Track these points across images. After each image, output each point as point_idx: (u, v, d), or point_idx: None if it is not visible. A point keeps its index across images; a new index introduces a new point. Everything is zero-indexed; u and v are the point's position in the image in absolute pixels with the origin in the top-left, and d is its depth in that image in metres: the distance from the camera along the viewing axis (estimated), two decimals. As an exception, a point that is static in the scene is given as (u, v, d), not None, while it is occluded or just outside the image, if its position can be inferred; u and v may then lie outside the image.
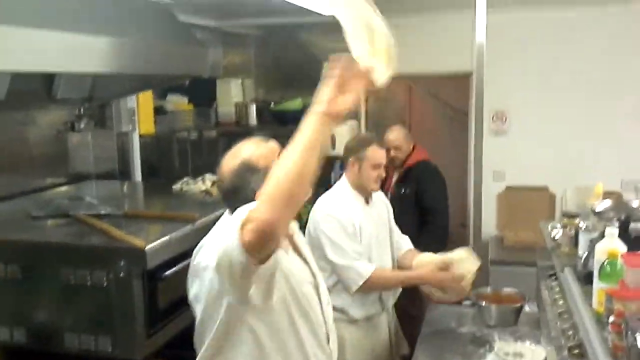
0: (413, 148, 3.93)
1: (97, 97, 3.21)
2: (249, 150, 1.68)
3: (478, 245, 3.65)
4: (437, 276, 2.49)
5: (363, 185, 2.62)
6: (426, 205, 3.71)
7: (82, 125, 3.25)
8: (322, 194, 2.67)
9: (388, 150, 3.78)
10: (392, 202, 3.22)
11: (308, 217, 2.65)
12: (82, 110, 3.24)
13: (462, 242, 4.00)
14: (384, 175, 2.66)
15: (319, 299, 1.74)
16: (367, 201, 2.66)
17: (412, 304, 3.46)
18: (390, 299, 2.69)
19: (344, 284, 2.48)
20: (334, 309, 2.39)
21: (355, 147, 2.65)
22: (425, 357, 2.36)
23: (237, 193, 1.63)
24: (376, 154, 2.61)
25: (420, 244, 2.98)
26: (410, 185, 3.75)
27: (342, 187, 2.66)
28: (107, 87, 3.17)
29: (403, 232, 3.06)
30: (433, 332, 2.61)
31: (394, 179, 3.94)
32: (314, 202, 2.65)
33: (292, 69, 4.70)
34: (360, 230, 2.54)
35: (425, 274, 2.53)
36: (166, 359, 3.29)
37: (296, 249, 1.77)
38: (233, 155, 1.68)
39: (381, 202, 2.79)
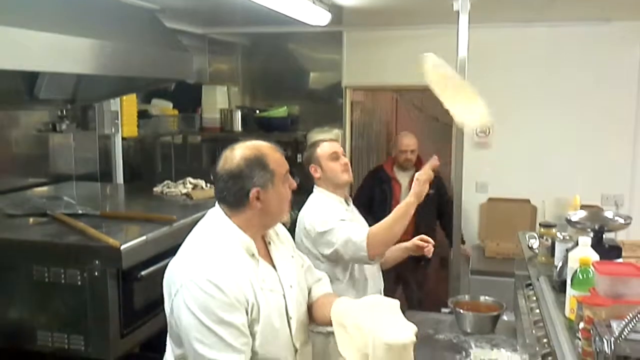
0: None
1: (80, 99, 3.20)
2: (267, 149, 1.68)
3: (457, 254, 3.68)
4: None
5: (336, 181, 2.58)
6: (443, 201, 4.06)
7: (64, 127, 3.24)
8: (304, 201, 2.65)
9: (404, 153, 4.07)
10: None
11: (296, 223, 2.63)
12: (64, 111, 3.23)
13: (443, 251, 4.02)
14: (346, 161, 2.62)
15: (286, 310, 1.70)
16: (347, 202, 2.65)
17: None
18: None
19: (354, 260, 2.42)
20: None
21: (307, 156, 2.65)
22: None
23: (237, 180, 1.61)
24: (325, 147, 2.60)
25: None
26: (431, 186, 3.80)
27: (319, 196, 2.61)
28: (90, 89, 3.16)
29: (426, 226, 3.72)
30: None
31: (405, 183, 4.10)
32: (297, 209, 2.63)
33: (278, 77, 4.73)
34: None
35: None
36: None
37: (268, 258, 1.74)
38: (250, 147, 1.66)
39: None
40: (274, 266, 1.72)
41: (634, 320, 1.24)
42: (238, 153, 1.65)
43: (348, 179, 2.63)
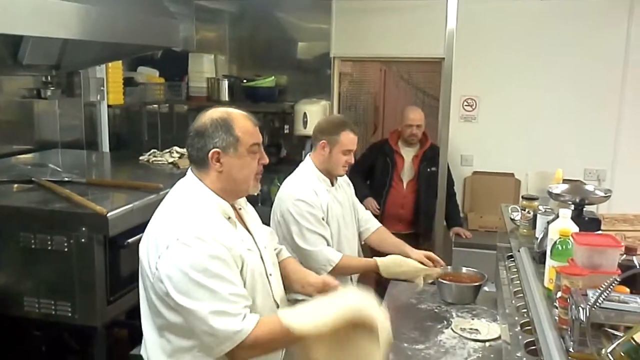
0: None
1: (65, 65, 3.16)
2: (239, 116, 1.69)
3: (441, 226, 3.73)
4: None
5: (330, 169, 2.58)
6: (449, 182, 3.96)
7: (48, 93, 3.21)
8: (291, 172, 2.66)
9: (409, 127, 4.01)
10: (420, 180, 4.03)
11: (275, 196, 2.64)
12: (49, 77, 3.20)
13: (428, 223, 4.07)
14: (352, 161, 2.62)
15: (265, 269, 1.74)
16: (332, 183, 2.65)
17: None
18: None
19: (312, 269, 2.46)
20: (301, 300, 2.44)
21: (328, 129, 2.57)
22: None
23: (200, 138, 1.64)
24: (349, 139, 2.54)
25: (450, 214, 3.98)
26: (436, 164, 3.82)
27: (308, 169, 2.60)
28: (75, 55, 3.12)
29: (430, 205, 3.81)
30: (393, 307, 2.66)
31: (408, 158, 4.09)
32: (282, 180, 2.64)
33: (266, 46, 4.69)
34: (328, 212, 2.54)
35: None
36: (126, 329, 3.31)
37: (242, 221, 1.77)
38: (222, 111, 1.69)
39: (344, 182, 2.79)
40: (247, 230, 1.77)
41: (608, 289, 1.28)
42: (208, 113, 1.68)
43: (341, 174, 2.65)
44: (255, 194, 1.78)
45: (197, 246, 1.52)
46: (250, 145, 1.67)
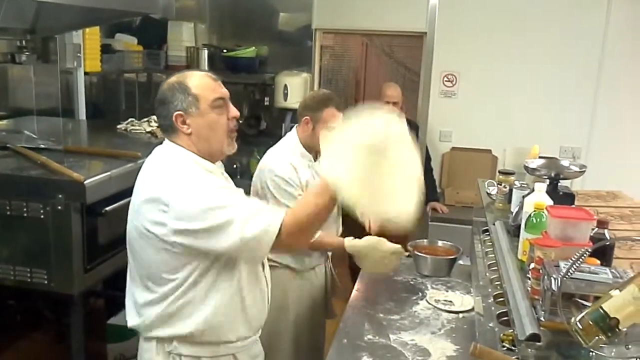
0: None
1: (40, 29, 3.09)
2: (195, 76, 1.68)
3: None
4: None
5: (313, 145, 2.54)
6: (426, 156, 4.05)
7: (23, 58, 3.14)
8: (272, 145, 2.64)
9: (387, 104, 3.94)
10: None
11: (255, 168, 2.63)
12: (24, 41, 3.13)
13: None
14: None
15: None
16: (315, 158, 2.64)
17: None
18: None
19: None
20: (279, 265, 2.45)
21: (312, 105, 2.54)
22: (360, 302, 2.44)
23: (163, 105, 1.65)
24: (332, 116, 2.50)
25: (426, 189, 3.37)
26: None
27: (292, 143, 2.58)
28: (51, 19, 3.05)
29: None
30: (369, 279, 2.70)
31: None
32: (263, 154, 2.63)
33: (247, 16, 4.61)
34: (307, 188, 2.54)
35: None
36: (103, 298, 3.31)
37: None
38: (178, 75, 1.70)
39: None
40: None
41: (579, 260, 1.31)
42: (167, 80, 1.69)
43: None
44: (231, 153, 1.75)
45: (204, 179, 1.59)
46: (212, 100, 1.65)
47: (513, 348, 1.52)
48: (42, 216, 2.05)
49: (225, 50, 4.40)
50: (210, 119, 1.65)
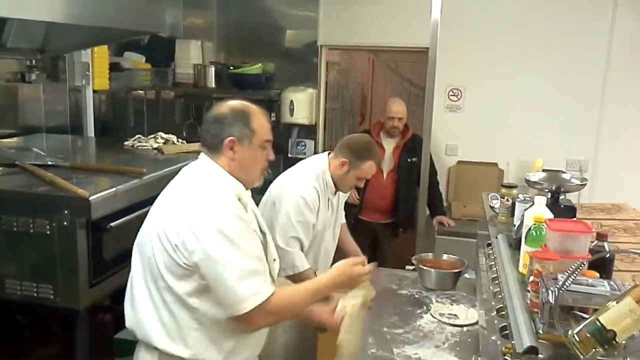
0: None
1: (50, 49, 3.15)
2: (257, 112, 1.78)
3: (424, 215, 3.77)
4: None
5: (339, 185, 2.62)
6: (432, 171, 3.98)
7: (33, 77, 3.20)
8: (280, 161, 2.68)
9: (391, 120, 4.05)
10: (400, 171, 4.06)
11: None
12: (33, 61, 3.19)
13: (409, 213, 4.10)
14: (362, 186, 2.76)
15: (266, 253, 1.80)
16: (335, 192, 2.66)
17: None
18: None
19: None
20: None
21: (357, 152, 2.57)
22: (365, 314, 2.43)
23: (218, 124, 1.73)
24: (370, 169, 2.59)
25: (433, 202, 4.06)
26: (416, 154, 3.89)
27: (321, 170, 2.60)
28: (60, 39, 3.12)
29: (410, 195, 3.97)
30: (375, 291, 2.70)
31: (389, 149, 4.11)
32: (276, 170, 2.65)
33: (254, 33, 4.67)
34: (318, 216, 2.57)
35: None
36: (111, 313, 3.32)
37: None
38: (243, 103, 1.79)
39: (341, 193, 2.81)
40: (254, 214, 1.85)
41: (576, 272, 1.31)
42: (229, 103, 1.79)
43: (346, 193, 2.78)
44: (257, 186, 1.86)
45: (227, 206, 1.63)
46: (264, 140, 1.77)
47: (514, 361, 1.52)
48: (48, 232, 2.08)
49: (232, 67, 4.45)
50: (255, 155, 1.76)
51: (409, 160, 4.05)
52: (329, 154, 2.67)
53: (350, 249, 2.89)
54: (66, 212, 2.05)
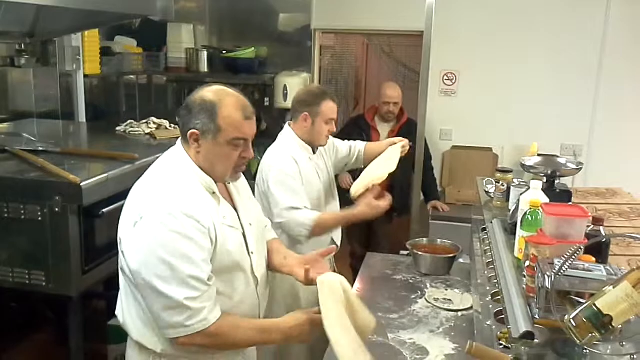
0: None
1: (39, 33, 3.11)
2: (231, 105, 1.61)
3: (418, 200, 3.77)
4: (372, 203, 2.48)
5: (313, 140, 2.58)
6: (426, 156, 3.95)
7: (23, 61, 3.16)
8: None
9: (387, 104, 3.98)
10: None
11: (257, 168, 2.63)
12: (23, 45, 3.14)
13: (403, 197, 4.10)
14: (334, 129, 2.62)
15: (246, 246, 1.72)
16: (313, 151, 2.65)
17: (360, 245, 4.16)
18: (339, 241, 2.76)
19: (292, 236, 2.45)
20: None
21: (308, 101, 2.55)
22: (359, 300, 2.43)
23: (186, 114, 1.61)
24: (330, 109, 2.54)
25: (427, 187, 4.09)
26: (412, 139, 3.83)
27: (288, 139, 2.59)
28: (50, 22, 3.07)
29: (405, 180, 3.89)
30: (369, 276, 2.70)
31: (384, 134, 4.06)
32: (262, 154, 2.63)
33: (247, 17, 4.61)
34: (308, 181, 2.54)
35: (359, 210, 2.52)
36: (104, 300, 3.32)
37: (229, 197, 1.75)
38: (217, 92, 1.62)
39: (323, 151, 2.77)
40: (234, 206, 1.74)
41: (573, 257, 1.31)
42: (204, 90, 1.64)
43: (323, 144, 2.64)
44: (231, 182, 1.75)
45: (167, 222, 1.51)
46: (232, 138, 1.60)
47: (509, 346, 1.52)
48: (39, 218, 2.06)
49: (224, 52, 4.40)
50: (222, 151, 1.62)
51: None
52: (288, 124, 2.64)
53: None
54: (57, 198, 2.03)
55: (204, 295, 1.52)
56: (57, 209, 2.04)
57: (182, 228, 1.51)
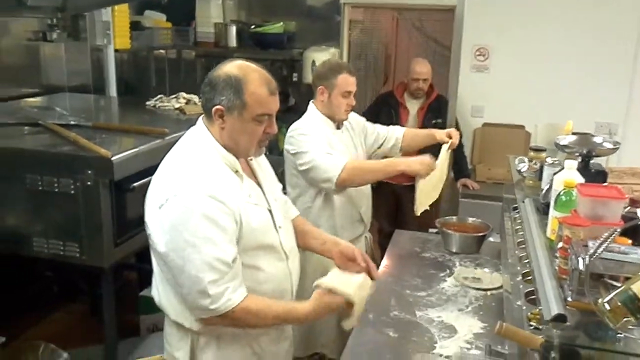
0: None
1: (70, 7, 3.12)
2: (257, 80, 1.59)
3: (448, 176, 3.72)
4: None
5: (332, 114, 2.57)
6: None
7: (54, 36, 3.18)
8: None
9: (416, 81, 3.92)
10: None
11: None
12: (54, 20, 3.16)
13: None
14: (354, 103, 2.59)
15: (273, 222, 1.73)
16: (338, 127, 2.63)
17: (388, 223, 4.11)
18: (369, 218, 2.76)
19: (322, 186, 2.44)
20: None
21: (325, 74, 2.54)
22: (387, 278, 2.43)
23: (211, 90, 1.59)
24: (347, 82, 2.52)
25: (457, 165, 4.03)
26: (441, 116, 3.85)
27: (311, 114, 2.59)
28: (80, -4, 3.08)
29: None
30: (397, 254, 2.69)
31: (413, 110, 4.03)
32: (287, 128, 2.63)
33: (275, -9, 4.58)
34: (334, 149, 2.52)
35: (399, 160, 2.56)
36: (136, 271, 3.39)
37: (252, 174, 1.75)
38: (241, 67, 1.60)
39: (350, 125, 2.75)
40: (258, 183, 1.74)
41: (609, 239, 1.28)
42: (227, 66, 1.61)
43: (344, 118, 2.62)
44: (255, 157, 1.75)
45: (192, 205, 1.51)
46: (257, 114, 1.59)
47: (540, 327, 1.50)
48: (72, 192, 2.10)
49: (253, 26, 4.38)
50: (248, 127, 1.61)
51: (433, 121, 3.96)
52: (312, 102, 2.64)
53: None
54: (89, 172, 2.06)
55: (226, 276, 1.53)
56: (89, 183, 2.07)
57: (206, 210, 1.52)
